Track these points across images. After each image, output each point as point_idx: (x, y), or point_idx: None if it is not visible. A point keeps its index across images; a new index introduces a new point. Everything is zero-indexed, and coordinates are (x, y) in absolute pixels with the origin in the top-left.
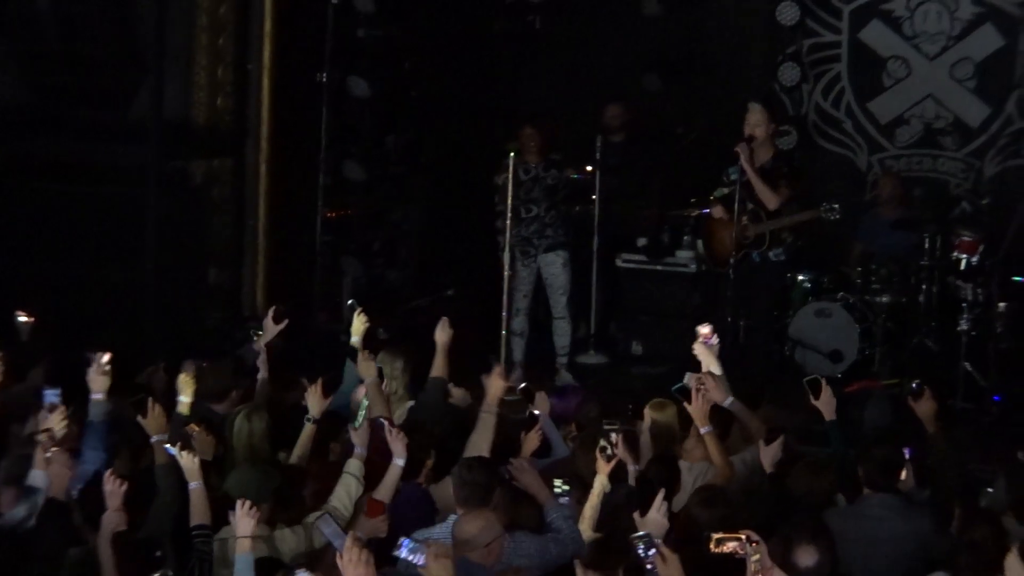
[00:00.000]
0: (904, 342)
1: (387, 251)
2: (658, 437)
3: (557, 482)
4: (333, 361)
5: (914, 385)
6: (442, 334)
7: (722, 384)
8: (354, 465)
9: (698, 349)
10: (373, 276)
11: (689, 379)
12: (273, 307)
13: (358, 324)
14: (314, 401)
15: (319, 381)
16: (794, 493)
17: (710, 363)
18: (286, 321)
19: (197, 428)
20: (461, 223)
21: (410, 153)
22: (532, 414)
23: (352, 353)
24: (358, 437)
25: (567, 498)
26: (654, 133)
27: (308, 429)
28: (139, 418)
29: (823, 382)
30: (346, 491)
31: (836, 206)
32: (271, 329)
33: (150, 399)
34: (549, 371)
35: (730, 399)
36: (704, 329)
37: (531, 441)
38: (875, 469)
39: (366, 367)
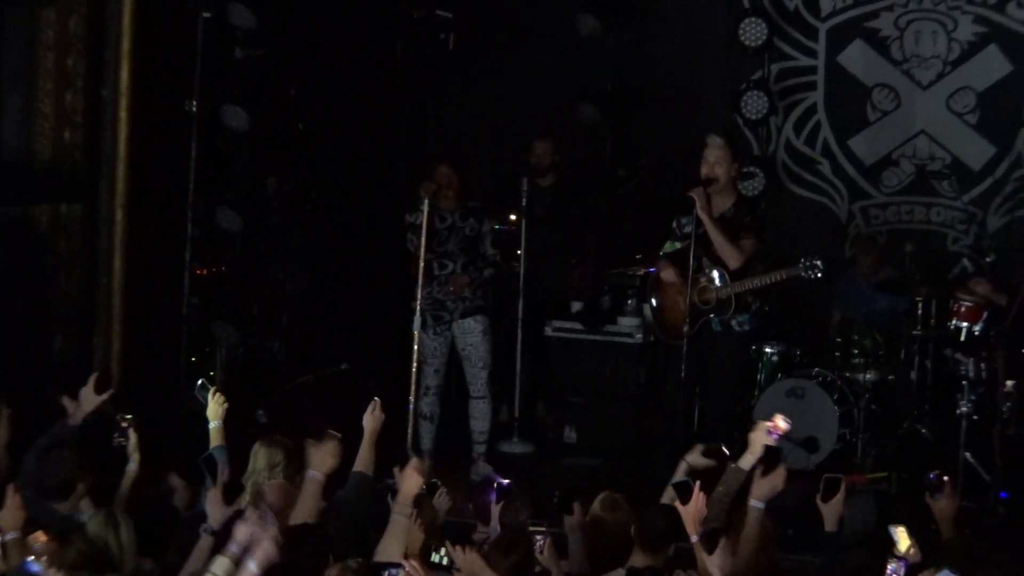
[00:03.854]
0: (892, 428)
1: (268, 316)
2: (600, 539)
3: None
4: (202, 448)
5: (932, 476)
6: (371, 418)
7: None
8: (221, 564)
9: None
10: (251, 346)
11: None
12: (95, 373)
13: (215, 406)
14: (215, 508)
15: (220, 487)
16: None
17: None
18: (110, 391)
19: (43, 537)
20: (355, 283)
21: (295, 199)
22: (418, 495)
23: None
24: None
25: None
26: (591, 175)
27: (207, 541)
28: None
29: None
30: None
31: (819, 262)
32: (90, 400)
33: (10, 488)
34: (464, 462)
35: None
36: (783, 424)
37: (413, 535)
38: None
39: (320, 458)
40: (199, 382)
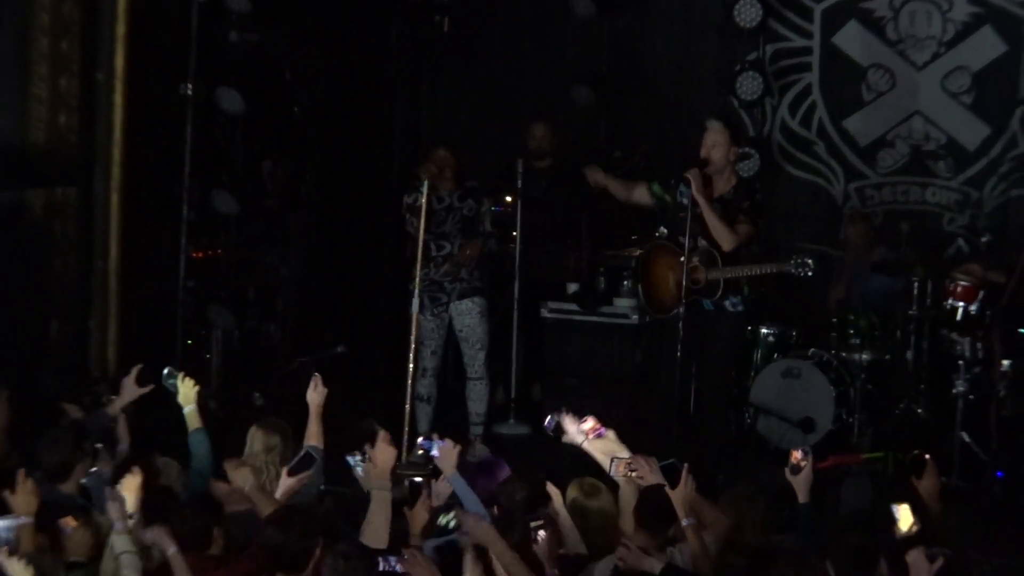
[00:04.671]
0: (888, 408)
1: (264, 300)
2: (586, 524)
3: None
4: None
5: (914, 455)
6: (315, 394)
7: (655, 464)
8: (121, 542)
9: (593, 447)
10: (247, 330)
11: (615, 467)
12: (138, 366)
13: (187, 390)
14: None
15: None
16: None
17: (618, 451)
18: (151, 386)
19: (75, 522)
20: (351, 266)
21: (291, 183)
22: (413, 483)
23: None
24: (113, 511)
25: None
26: (586, 157)
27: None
28: (7, 494)
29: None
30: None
31: (809, 261)
32: (130, 391)
33: (21, 470)
34: (461, 443)
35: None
36: (587, 424)
37: (418, 517)
38: (847, 559)
39: (241, 475)
40: (165, 371)
